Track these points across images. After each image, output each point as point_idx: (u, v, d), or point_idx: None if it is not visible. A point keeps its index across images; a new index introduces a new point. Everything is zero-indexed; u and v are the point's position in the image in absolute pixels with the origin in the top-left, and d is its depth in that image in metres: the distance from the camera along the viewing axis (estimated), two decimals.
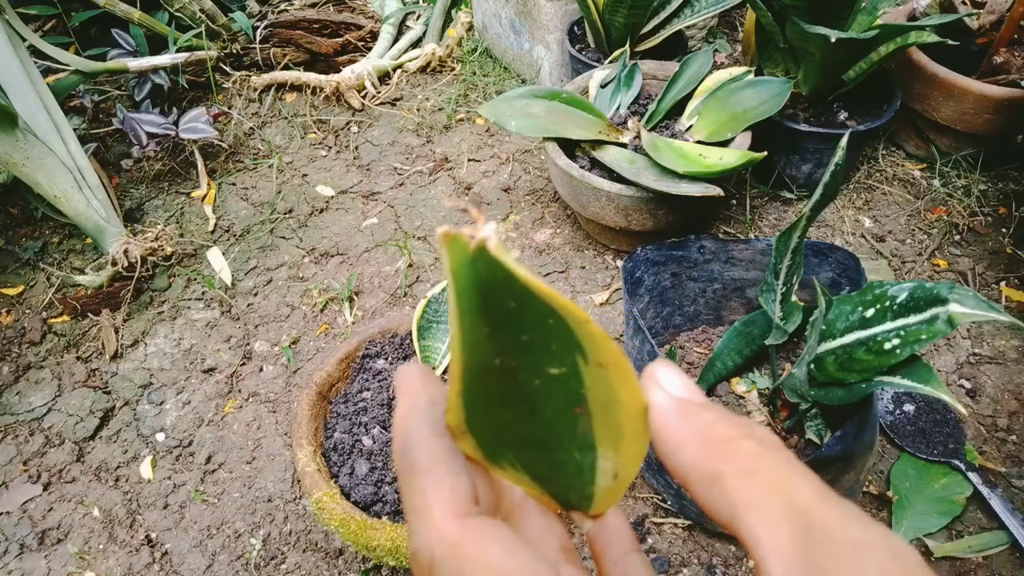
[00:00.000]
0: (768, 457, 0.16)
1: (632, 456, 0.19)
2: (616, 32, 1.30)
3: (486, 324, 0.17)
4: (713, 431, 0.17)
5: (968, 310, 0.61)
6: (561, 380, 0.18)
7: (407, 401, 0.19)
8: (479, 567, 0.16)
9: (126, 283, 1.16)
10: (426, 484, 0.18)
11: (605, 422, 0.18)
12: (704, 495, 0.16)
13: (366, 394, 0.83)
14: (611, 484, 0.20)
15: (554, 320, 0.16)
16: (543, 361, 0.17)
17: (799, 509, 0.15)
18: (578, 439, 0.19)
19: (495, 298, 0.16)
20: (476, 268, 0.15)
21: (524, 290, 0.16)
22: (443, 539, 0.17)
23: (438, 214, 1.30)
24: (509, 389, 0.18)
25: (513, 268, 0.15)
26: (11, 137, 1.07)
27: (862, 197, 1.28)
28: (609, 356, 0.17)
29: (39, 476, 0.95)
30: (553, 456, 0.19)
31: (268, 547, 0.87)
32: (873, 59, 1.08)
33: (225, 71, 1.62)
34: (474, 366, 0.18)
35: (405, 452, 0.19)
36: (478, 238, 0.15)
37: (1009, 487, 0.88)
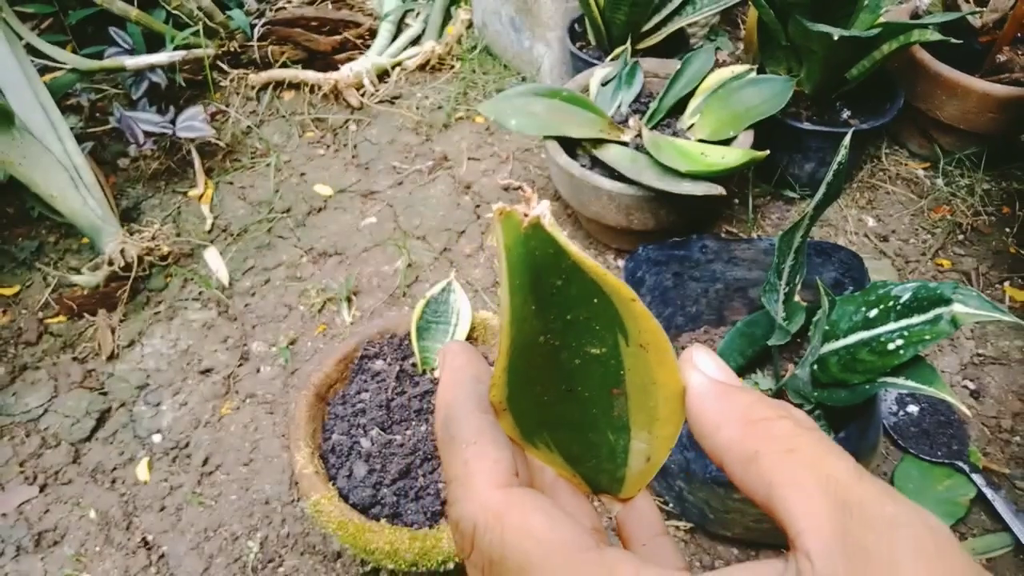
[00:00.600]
0: (805, 437, 0.16)
1: (665, 439, 0.19)
2: (617, 30, 1.29)
3: (534, 301, 0.17)
4: (751, 411, 0.17)
5: (972, 310, 0.60)
6: (601, 360, 0.18)
7: (451, 376, 0.20)
8: (522, 534, 0.16)
9: (123, 283, 1.15)
10: (469, 455, 0.18)
11: (641, 404, 0.19)
12: (741, 474, 0.16)
13: (364, 395, 0.82)
14: (643, 467, 0.20)
15: (599, 299, 0.17)
16: (585, 340, 0.18)
17: (835, 486, 0.15)
18: (613, 421, 0.19)
19: (544, 275, 0.17)
20: (528, 245, 0.16)
21: (573, 266, 0.16)
22: (486, 507, 0.17)
23: (437, 213, 1.29)
24: (550, 368, 0.19)
25: (565, 244, 0.16)
26: (7, 136, 1.06)
27: (865, 196, 1.28)
28: (650, 336, 0.18)
29: (35, 478, 0.94)
30: (587, 437, 0.20)
31: (265, 550, 0.86)
32: (876, 57, 1.07)
33: (222, 69, 1.61)
34: (521, 343, 0.18)
35: (448, 425, 0.19)
36: (532, 215, 0.16)
37: (1013, 489, 0.87)
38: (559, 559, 0.16)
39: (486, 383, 0.20)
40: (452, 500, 0.18)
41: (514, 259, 0.16)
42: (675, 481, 0.82)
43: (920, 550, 0.14)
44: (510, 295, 0.17)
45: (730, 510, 0.77)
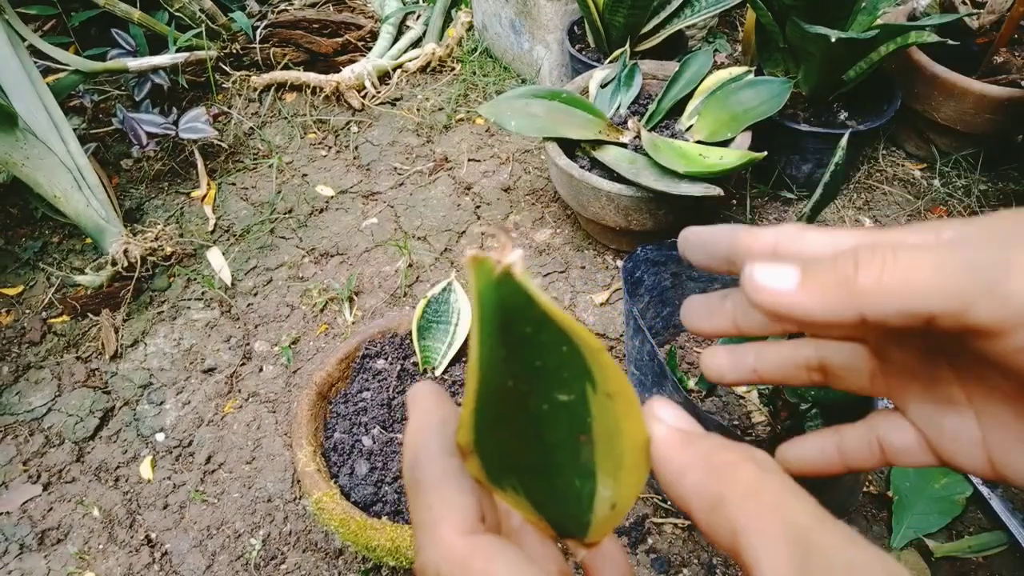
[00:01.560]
0: (768, 480, 0.16)
1: (631, 487, 0.19)
2: (616, 32, 1.30)
3: (504, 347, 0.17)
4: (714, 456, 0.17)
5: None
6: (569, 407, 0.18)
7: (419, 419, 0.20)
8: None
9: (126, 283, 1.16)
10: (433, 500, 0.18)
11: (607, 452, 0.19)
12: (706, 520, 0.17)
13: (366, 394, 0.83)
14: (608, 513, 0.20)
15: (568, 347, 0.17)
16: (553, 387, 0.18)
17: (798, 531, 0.15)
18: (580, 467, 0.19)
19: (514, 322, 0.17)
20: (500, 292, 0.16)
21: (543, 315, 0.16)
22: (450, 555, 0.17)
23: (438, 214, 1.30)
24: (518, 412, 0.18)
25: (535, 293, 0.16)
26: (11, 137, 1.07)
27: (862, 197, 1.28)
28: (617, 386, 0.17)
29: (39, 476, 0.95)
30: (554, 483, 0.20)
31: (268, 547, 0.87)
32: (873, 59, 1.08)
33: (225, 71, 1.62)
34: (488, 388, 0.18)
35: (414, 468, 0.19)
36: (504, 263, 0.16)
37: (1009, 488, 0.88)
38: None
39: (453, 426, 0.20)
40: (418, 547, 0.18)
41: (485, 304, 0.16)
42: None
43: None
44: (480, 340, 0.17)
45: None
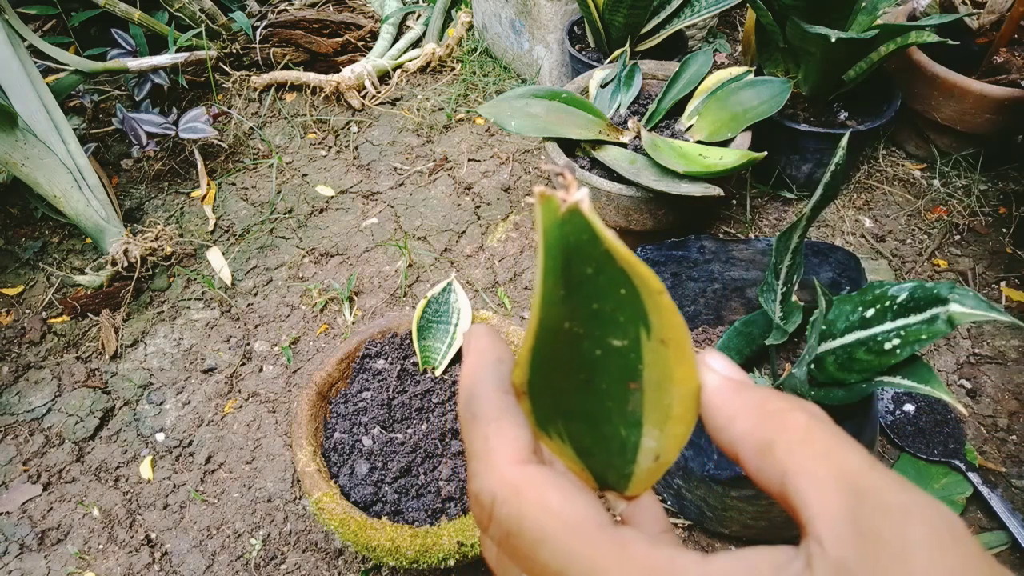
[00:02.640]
0: (818, 429, 0.16)
1: (676, 437, 0.19)
2: (616, 32, 1.30)
3: (563, 287, 0.17)
4: (765, 404, 0.17)
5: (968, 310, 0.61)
6: (622, 353, 0.18)
7: (475, 358, 0.20)
8: (539, 508, 0.17)
9: (126, 283, 1.16)
10: (489, 432, 0.18)
11: (656, 401, 0.19)
12: (756, 464, 0.17)
13: (366, 394, 0.83)
14: (651, 465, 0.20)
15: (627, 290, 0.17)
16: (608, 331, 0.18)
17: (849, 475, 0.15)
18: (627, 416, 0.19)
19: (576, 262, 0.17)
20: (564, 230, 0.16)
21: (606, 254, 0.16)
22: (504, 482, 0.17)
23: (438, 214, 1.30)
24: (571, 356, 0.19)
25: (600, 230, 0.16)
26: (11, 137, 1.07)
27: (862, 197, 1.28)
28: (673, 332, 0.18)
29: (39, 476, 0.95)
30: (600, 430, 0.20)
31: (268, 547, 0.87)
32: (873, 59, 1.08)
33: (225, 71, 1.62)
34: (546, 327, 0.18)
35: (470, 403, 0.19)
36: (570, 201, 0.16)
37: (1009, 487, 0.88)
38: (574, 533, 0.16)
39: (508, 365, 0.20)
40: (472, 474, 0.18)
41: (550, 242, 0.17)
42: (673, 479, 0.82)
43: (932, 537, 0.14)
44: (543, 277, 0.17)
45: (728, 508, 0.78)
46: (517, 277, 1.18)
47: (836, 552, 0.14)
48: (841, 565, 0.14)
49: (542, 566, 0.16)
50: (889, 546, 0.14)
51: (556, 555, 0.16)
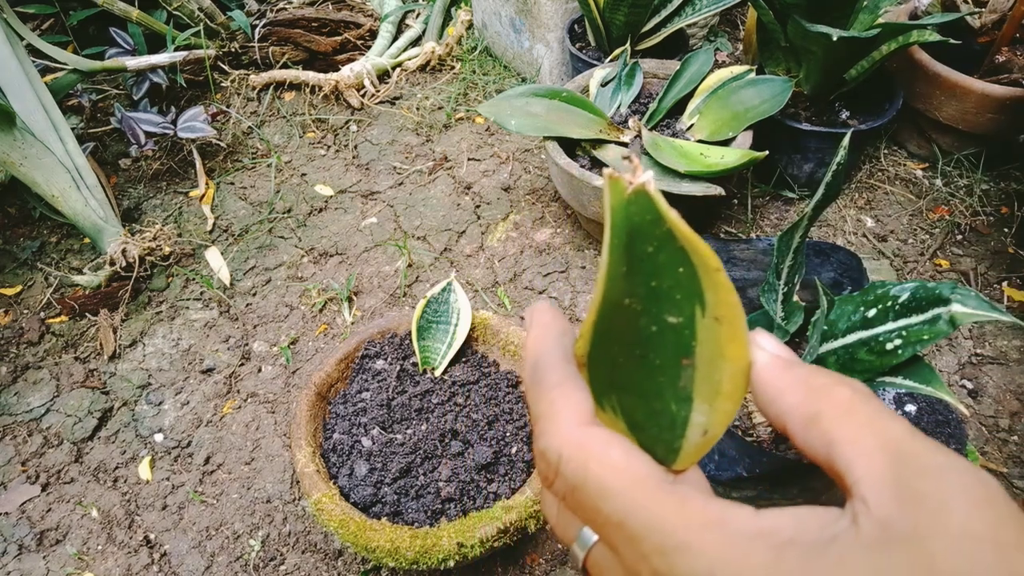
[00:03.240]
0: (861, 401, 0.18)
1: (724, 414, 0.20)
2: (617, 30, 1.29)
3: (625, 264, 0.19)
4: (812, 379, 0.19)
5: (970, 310, 0.60)
6: (676, 330, 0.19)
7: (540, 329, 0.22)
8: (603, 464, 0.18)
9: (124, 283, 1.15)
10: (555, 395, 0.20)
11: (707, 377, 0.20)
12: (803, 433, 0.18)
13: (365, 395, 0.82)
14: (699, 440, 0.21)
15: (685, 268, 0.18)
16: (664, 308, 0.19)
17: (892, 441, 0.16)
18: (678, 391, 0.20)
19: (638, 240, 0.18)
20: (630, 210, 0.18)
21: (668, 233, 0.18)
22: (570, 440, 0.19)
23: (438, 213, 1.30)
24: (629, 332, 0.20)
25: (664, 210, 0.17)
26: (9, 136, 1.06)
27: (864, 197, 1.28)
28: (727, 310, 0.18)
29: (38, 477, 0.95)
30: (652, 405, 0.21)
31: (267, 548, 0.87)
32: (875, 58, 1.08)
33: (223, 70, 1.61)
34: (608, 302, 0.19)
35: (536, 370, 0.21)
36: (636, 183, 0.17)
37: (1011, 488, 0.88)
38: (636, 487, 0.17)
39: (571, 338, 0.21)
40: (539, 433, 0.20)
41: (616, 222, 0.18)
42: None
43: (969, 494, 0.15)
44: (608, 254, 0.18)
45: None
46: (517, 277, 1.17)
47: (880, 510, 0.15)
48: (885, 521, 0.15)
49: (605, 517, 0.18)
50: (929, 503, 0.15)
51: (619, 507, 0.17)
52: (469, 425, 0.79)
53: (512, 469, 0.76)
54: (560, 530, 0.20)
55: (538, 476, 0.21)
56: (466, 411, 0.80)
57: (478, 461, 0.75)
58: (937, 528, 0.14)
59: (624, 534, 0.17)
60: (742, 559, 0.15)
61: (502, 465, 0.76)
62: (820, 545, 0.15)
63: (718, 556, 0.15)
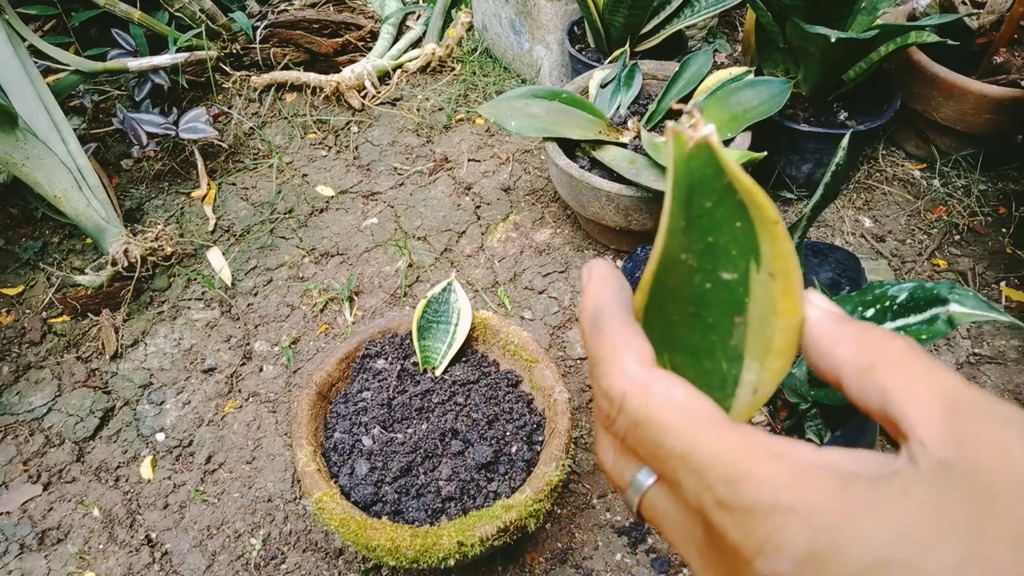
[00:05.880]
0: (915, 353, 0.18)
1: (775, 371, 0.20)
2: (616, 32, 1.30)
3: (684, 218, 0.19)
4: (866, 333, 0.19)
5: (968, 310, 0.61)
6: (730, 287, 0.19)
7: (599, 283, 0.22)
8: (666, 401, 0.18)
9: (126, 283, 1.16)
10: (617, 340, 0.20)
11: (758, 335, 0.20)
12: (857, 384, 0.18)
13: (366, 394, 0.83)
14: (749, 399, 0.21)
15: (742, 223, 0.18)
16: (720, 264, 0.19)
17: (947, 390, 0.17)
18: (729, 350, 0.20)
19: (697, 195, 0.18)
20: (691, 164, 0.18)
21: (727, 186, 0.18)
22: (634, 379, 0.19)
23: (438, 214, 1.30)
24: (683, 289, 0.20)
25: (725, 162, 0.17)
26: (11, 137, 1.07)
27: (862, 197, 1.28)
28: (782, 264, 0.19)
29: (39, 476, 0.95)
30: (703, 363, 0.21)
31: (268, 547, 0.87)
32: (873, 59, 1.08)
33: (225, 71, 1.62)
34: (667, 256, 0.19)
35: (596, 319, 0.21)
36: (698, 136, 0.17)
37: None
38: (699, 422, 0.18)
39: (629, 292, 0.22)
40: (601, 375, 0.20)
41: (678, 176, 0.18)
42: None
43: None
44: (670, 207, 0.18)
45: None
46: (517, 277, 1.18)
47: (939, 450, 0.15)
48: (944, 459, 0.15)
49: (668, 451, 0.18)
50: (987, 443, 0.15)
51: (682, 441, 0.18)
52: (469, 424, 0.79)
53: (512, 468, 0.76)
54: (616, 474, 0.21)
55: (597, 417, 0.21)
56: (466, 410, 0.81)
57: (478, 460, 0.75)
58: (996, 466, 0.15)
59: (688, 467, 0.17)
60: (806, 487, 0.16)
61: (502, 464, 0.76)
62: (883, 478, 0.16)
63: (783, 484, 0.16)
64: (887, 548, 0.14)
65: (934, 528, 0.14)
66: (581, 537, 0.86)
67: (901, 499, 0.15)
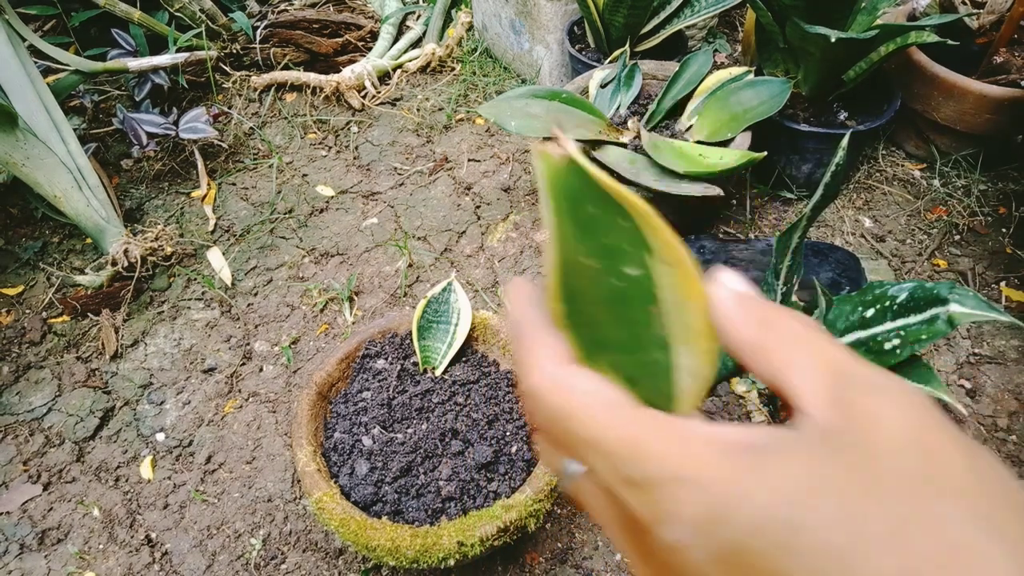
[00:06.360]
0: (810, 331, 0.19)
1: (705, 352, 0.21)
2: (616, 32, 1.30)
3: (573, 226, 0.20)
4: (765, 312, 0.20)
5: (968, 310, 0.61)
6: (639, 281, 0.20)
7: (520, 296, 0.23)
8: (574, 392, 0.19)
9: (126, 283, 1.16)
10: (532, 344, 0.21)
11: (677, 320, 0.21)
12: (754, 360, 0.20)
13: (366, 394, 0.83)
14: (690, 384, 0.22)
15: (625, 220, 0.19)
16: (620, 261, 0.20)
17: (833, 363, 0.18)
18: (656, 339, 0.21)
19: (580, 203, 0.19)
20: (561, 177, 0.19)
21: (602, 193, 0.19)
22: (545, 376, 0.20)
23: (438, 214, 1.30)
24: (597, 290, 0.21)
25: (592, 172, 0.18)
26: (11, 137, 1.07)
27: (862, 197, 1.28)
28: (670, 253, 0.20)
29: (39, 476, 0.95)
30: (638, 357, 0.22)
31: (268, 547, 0.87)
32: (873, 59, 1.08)
33: (225, 71, 1.62)
34: (567, 260, 0.21)
35: (516, 328, 0.23)
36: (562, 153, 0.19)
37: None
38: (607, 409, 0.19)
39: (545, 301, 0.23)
40: (522, 377, 0.21)
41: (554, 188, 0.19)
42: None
43: (903, 407, 0.16)
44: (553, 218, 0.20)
45: None
46: (517, 277, 1.18)
47: (822, 420, 0.17)
48: (826, 428, 0.17)
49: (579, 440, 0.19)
50: (866, 413, 0.16)
51: (591, 429, 0.19)
52: (469, 424, 0.79)
53: (512, 468, 0.76)
54: (552, 467, 0.22)
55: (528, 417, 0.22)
56: (466, 410, 0.81)
57: (478, 460, 0.75)
58: (872, 434, 0.16)
59: (598, 451, 0.19)
60: (700, 459, 0.17)
61: (502, 464, 0.76)
62: (769, 445, 0.17)
63: (679, 458, 0.17)
64: (766, 507, 0.15)
65: (812, 487, 0.15)
66: (581, 537, 0.86)
67: (783, 463, 0.16)
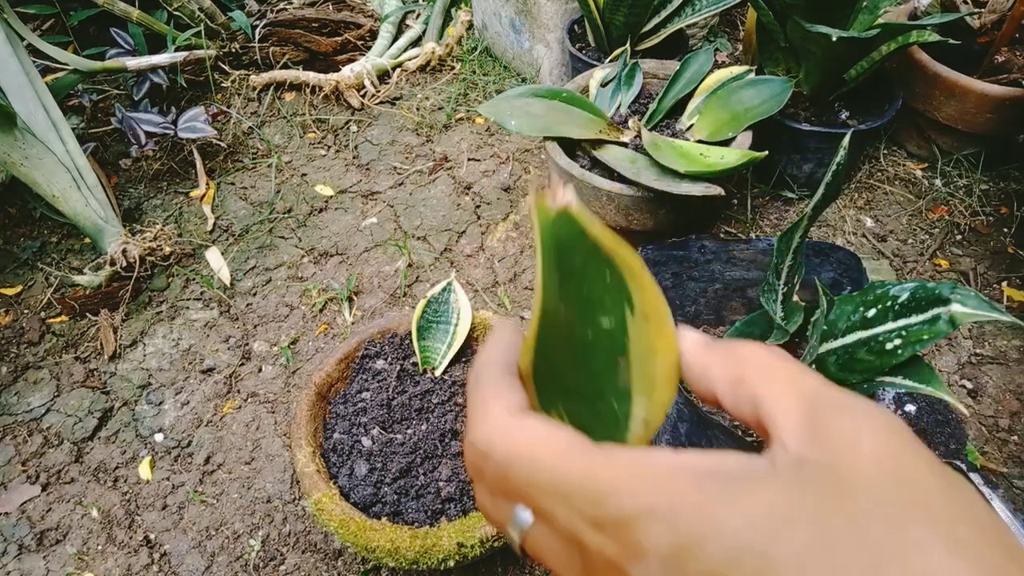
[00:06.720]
0: (780, 362, 0.19)
1: (662, 404, 0.22)
2: (616, 31, 1.29)
3: (558, 275, 0.20)
4: (734, 350, 0.20)
5: (970, 310, 0.60)
6: (610, 333, 0.21)
7: (490, 345, 0.23)
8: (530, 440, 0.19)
9: (125, 283, 1.15)
10: (487, 395, 0.21)
11: (642, 372, 0.21)
12: (731, 398, 0.20)
13: (365, 395, 0.82)
14: (641, 431, 0.22)
15: (611, 273, 0.20)
16: (597, 313, 0.21)
17: (805, 392, 0.18)
18: (618, 390, 0.22)
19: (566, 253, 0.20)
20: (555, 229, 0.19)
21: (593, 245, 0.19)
22: (498, 426, 0.20)
23: (438, 213, 1.30)
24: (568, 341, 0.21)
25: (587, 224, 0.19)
26: (9, 136, 1.07)
27: (863, 197, 1.28)
28: (652, 307, 0.20)
29: (38, 476, 0.95)
30: (595, 406, 0.22)
31: (267, 548, 0.87)
32: (874, 58, 1.08)
33: (224, 70, 1.61)
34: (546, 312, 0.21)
35: (476, 376, 0.22)
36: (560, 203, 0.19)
37: (1011, 488, 0.88)
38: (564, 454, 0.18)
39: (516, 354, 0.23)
40: (470, 428, 0.21)
41: (545, 239, 0.19)
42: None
43: (877, 429, 0.16)
44: (542, 269, 0.20)
45: None
46: (517, 277, 1.17)
47: (796, 448, 0.17)
48: (800, 456, 0.16)
49: (538, 487, 0.18)
50: (840, 437, 0.16)
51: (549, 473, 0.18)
52: None
53: None
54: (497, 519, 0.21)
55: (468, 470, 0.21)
56: (466, 411, 0.81)
57: None
58: (847, 460, 0.16)
59: (558, 496, 0.18)
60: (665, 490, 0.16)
61: None
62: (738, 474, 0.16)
63: (643, 491, 0.16)
64: (739, 538, 0.15)
65: (784, 517, 0.15)
66: None
67: (753, 493, 0.15)
